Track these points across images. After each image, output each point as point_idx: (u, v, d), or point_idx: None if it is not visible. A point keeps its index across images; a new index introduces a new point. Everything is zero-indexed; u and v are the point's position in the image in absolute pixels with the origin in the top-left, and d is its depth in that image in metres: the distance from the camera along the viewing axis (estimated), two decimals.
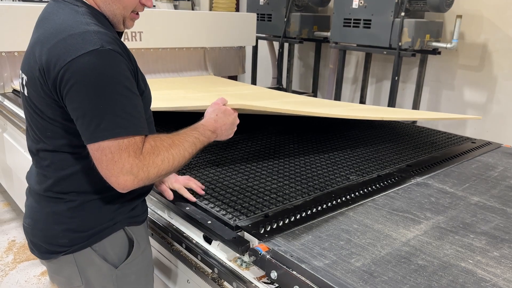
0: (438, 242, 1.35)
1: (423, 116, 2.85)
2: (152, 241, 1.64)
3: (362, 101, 4.86)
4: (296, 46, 5.32)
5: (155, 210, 1.64)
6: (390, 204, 1.60)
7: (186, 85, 3.59)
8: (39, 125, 1.22)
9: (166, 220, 1.59)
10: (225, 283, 1.33)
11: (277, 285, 1.23)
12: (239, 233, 1.37)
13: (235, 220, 1.42)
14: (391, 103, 4.18)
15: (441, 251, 1.29)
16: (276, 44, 5.50)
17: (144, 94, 1.28)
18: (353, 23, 4.25)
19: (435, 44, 4.03)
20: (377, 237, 1.35)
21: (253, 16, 4.46)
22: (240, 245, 1.30)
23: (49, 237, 1.29)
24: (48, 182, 1.26)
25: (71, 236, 1.27)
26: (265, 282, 1.25)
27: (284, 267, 1.18)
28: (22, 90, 1.27)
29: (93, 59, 1.07)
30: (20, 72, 1.27)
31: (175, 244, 1.53)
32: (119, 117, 1.10)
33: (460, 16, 3.77)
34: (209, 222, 1.43)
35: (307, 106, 2.65)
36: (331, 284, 1.07)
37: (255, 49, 5.35)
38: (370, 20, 4.11)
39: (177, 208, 1.54)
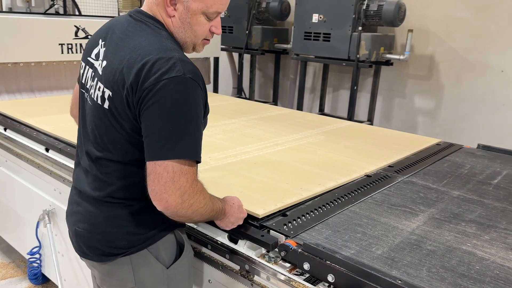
0: (438, 230, 1.54)
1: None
2: None
3: (321, 109, 5.12)
4: (257, 57, 5.50)
5: None
6: (388, 200, 1.79)
7: None
8: (112, 136, 1.28)
9: (186, 224, 1.66)
10: (256, 278, 1.44)
11: (307, 275, 1.36)
12: (265, 232, 1.49)
13: (259, 220, 1.54)
14: (351, 111, 4.46)
15: (443, 237, 1.49)
16: (235, 55, 5.66)
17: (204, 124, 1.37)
18: (313, 36, 4.51)
19: (388, 56, 4.38)
20: (386, 229, 1.53)
21: None
22: (269, 242, 1.42)
23: (108, 240, 1.35)
24: (110, 189, 1.32)
25: (130, 238, 1.34)
26: (295, 274, 1.38)
27: (317, 258, 1.31)
28: (98, 102, 1.31)
29: (175, 84, 1.17)
30: (101, 85, 1.30)
31: (198, 246, 1.61)
32: (188, 142, 1.20)
33: (411, 30, 4.13)
34: None
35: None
36: (365, 269, 1.22)
37: (216, 60, 5.46)
38: (329, 34, 4.38)
39: None
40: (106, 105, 1.28)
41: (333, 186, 1.89)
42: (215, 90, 5.60)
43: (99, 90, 1.31)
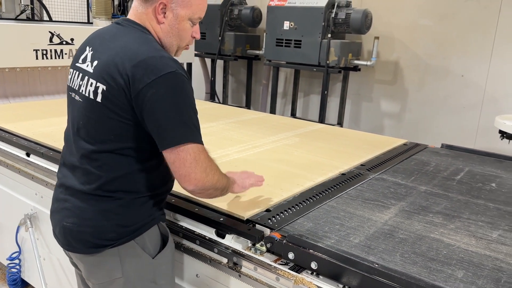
0: (408, 221, 1.69)
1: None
2: None
3: (293, 113, 5.28)
4: (230, 63, 5.60)
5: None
6: (361, 195, 1.92)
7: None
8: (107, 126, 1.36)
9: (174, 222, 1.74)
10: (243, 269, 1.53)
11: (292, 264, 1.47)
12: (250, 226, 1.59)
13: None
14: (322, 114, 4.63)
15: (413, 227, 1.63)
16: (208, 61, 5.75)
17: None
18: (285, 43, 4.66)
19: (356, 62, 4.58)
20: (362, 220, 1.66)
21: None
22: (256, 235, 1.52)
23: (98, 233, 1.41)
24: (99, 182, 1.39)
25: (119, 230, 1.42)
26: (281, 264, 1.48)
27: (301, 248, 1.42)
28: (91, 96, 1.38)
29: (173, 79, 1.30)
30: (93, 81, 1.38)
31: (186, 242, 1.69)
32: (196, 126, 1.35)
33: (377, 38, 4.34)
34: (222, 219, 1.63)
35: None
36: (345, 256, 1.34)
37: (189, 65, 5.53)
38: (300, 41, 4.54)
39: (186, 210, 1.71)
40: (99, 98, 1.36)
41: (311, 185, 2.01)
42: None
43: (91, 86, 1.38)
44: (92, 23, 4.75)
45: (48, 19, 5.13)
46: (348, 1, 4.44)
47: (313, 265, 1.39)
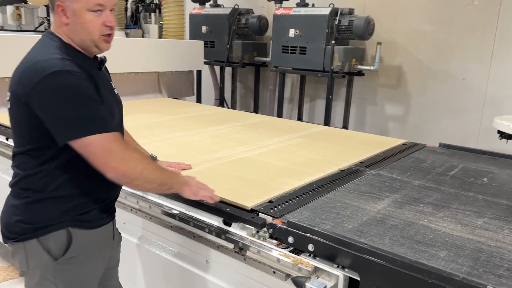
0: (400, 210, 1.83)
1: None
2: (171, 234, 1.95)
3: (300, 117, 5.43)
4: (238, 70, 5.79)
5: (175, 207, 1.95)
6: (358, 188, 2.07)
7: (152, 109, 3.88)
8: (18, 130, 1.52)
9: (185, 213, 1.90)
10: (248, 253, 1.69)
11: (291, 248, 1.62)
12: (254, 215, 1.75)
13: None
14: (327, 118, 4.78)
15: (404, 215, 1.77)
16: (217, 69, 5.94)
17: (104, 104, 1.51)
18: (290, 49, 4.82)
19: (360, 67, 4.72)
20: (356, 210, 1.81)
21: (201, 43, 4.88)
22: (259, 222, 1.68)
23: (8, 225, 1.54)
24: (15, 179, 1.54)
25: (22, 226, 1.51)
26: (282, 248, 1.63)
27: (299, 232, 1.58)
28: (8, 106, 1.52)
29: (57, 77, 1.37)
30: (8, 92, 1.52)
31: (197, 230, 1.85)
32: (93, 119, 1.41)
33: (380, 43, 4.49)
34: (228, 209, 1.80)
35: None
36: (339, 238, 1.50)
37: (199, 73, 5.73)
38: (305, 47, 4.70)
39: (195, 202, 1.87)
40: (9, 105, 1.51)
41: (311, 180, 2.16)
42: (198, 101, 5.85)
43: (7, 96, 1.53)
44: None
45: None
46: (351, 8, 4.60)
47: (310, 247, 1.55)
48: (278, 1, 4.95)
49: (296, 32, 4.75)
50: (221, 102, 5.89)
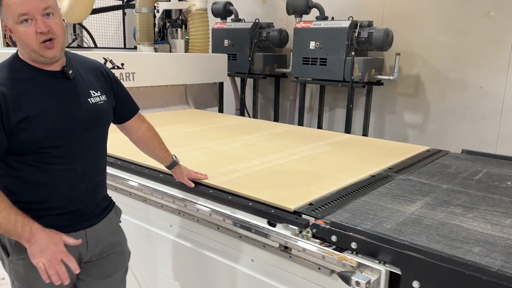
0: (432, 211, 1.97)
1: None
2: (219, 235, 2.11)
3: (319, 126, 5.58)
4: (259, 81, 5.97)
5: (220, 209, 2.11)
6: (390, 192, 2.22)
7: (182, 120, 4.07)
8: None
9: (231, 215, 2.06)
10: (293, 251, 1.84)
11: (334, 246, 1.77)
12: (298, 216, 1.90)
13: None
14: (348, 126, 4.93)
15: (437, 216, 1.91)
16: (237, 80, 6.13)
17: (28, 119, 1.54)
18: (311, 61, 5.00)
19: (379, 77, 4.87)
20: (392, 212, 1.95)
21: (225, 56, 5.08)
22: (303, 223, 1.83)
23: None
24: None
25: None
26: (325, 246, 1.78)
27: (343, 231, 1.73)
28: None
29: None
30: None
31: (243, 231, 2.01)
32: None
33: (399, 54, 4.64)
34: (273, 211, 1.95)
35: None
36: (381, 236, 1.64)
37: (220, 84, 5.92)
38: (325, 59, 4.87)
39: (241, 205, 2.03)
40: None
41: (345, 185, 2.31)
42: (220, 111, 6.04)
43: None
44: (136, 48, 5.22)
45: (93, 46, 5.62)
46: (370, 21, 4.76)
47: (353, 245, 1.69)
48: (298, 15, 5.13)
49: (317, 44, 4.92)
50: (241, 112, 6.07)
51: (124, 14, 7.31)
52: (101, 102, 1.77)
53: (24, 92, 1.57)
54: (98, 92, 1.77)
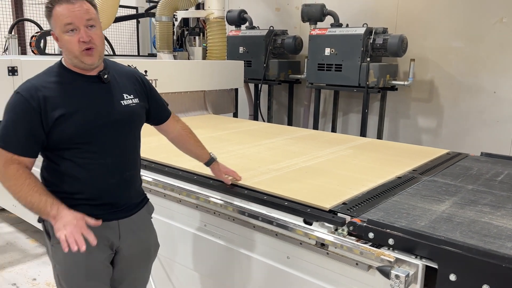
0: (462, 210, 2.05)
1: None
2: (256, 234, 2.20)
3: (333, 131, 5.66)
4: (274, 87, 6.08)
5: (257, 209, 2.20)
6: (419, 192, 2.30)
7: (204, 125, 4.18)
8: None
9: (267, 214, 2.15)
10: (330, 248, 1.92)
11: (370, 243, 1.85)
12: (334, 214, 1.99)
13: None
14: (363, 131, 5.01)
15: (466, 214, 1.99)
16: (251, 86, 6.24)
17: (64, 117, 1.75)
18: (326, 67, 5.10)
19: (394, 82, 4.97)
20: (423, 210, 2.03)
21: (241, 63, 5.20)
22: (339, 221, 1.92)
23: None
24: None
25: None
26: (361, 243, 1.86)
27: (379, 228, 1.81)
28: None
29: (10, 98, 1.77)
30: None
31: (279, 229, 2.09)
32: (3, 135, 1.74)
33: (413, 60, 4.74)
34: (308, 209, 2.04)
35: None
36: (417, 232, 1.72)
37: (236, 90, 6.02)
38: (341, 65, 4.97)
39: (278, 204, 2.13)
40: None
41: (374, 186, 2.39)
42: (235, 116, 6.14)
43: None
44: (149, 55, 5.34)
45: (112, 54, 5.75)
46: (385, 28, 4.86)
47: (390, 241, 1.78)
48: (313, 23, 5.24)
49: (332, 51, 5.02)
50: (255, 117, 6.16)
51: (138, 22, 7.46)
52: (133, 104, 1.94)
53: (63, 93, 1.78)
54: (131, 95, 1.94)
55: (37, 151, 1.79)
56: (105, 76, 1.86)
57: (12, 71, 3.11)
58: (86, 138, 1.79)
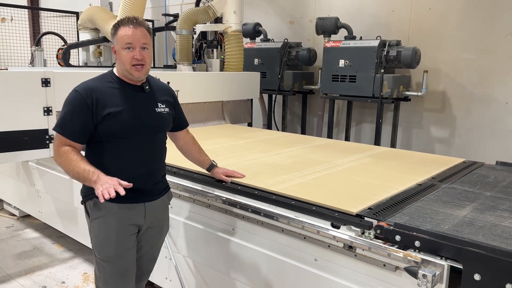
0: (482, 215, 2.15)
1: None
2: (284, 238, 2.31)
3: (347, 140, 5.77)
4: (288, 97, 6.20)
5: (285, 213, 2.31)
6: (440, 199, 2.40)
7: (223, 134, 4.31)
8: None
9: (295, 218, 2.26)
10: (358, 250, 2.03)
11: (396, 246, 1.95)
12: (361, 218, 2.10)
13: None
14: (377, 140, 5.12)
15: (487, 219, 2.09)
16: (265, 96, 6.38)
17: (111, 115, 2.13)
18: (340, 78, 5.22)
19: (407, 93, 5.08)
20: (446, 215, 2.13)
21: (257, 74, 5.34)
22: (366, 225, 2.02)
23: (80, 192, 2.32)
24: None
25: (83, 191, 2.28)
26: (388, 245, 1.97)
27: (406, 231, 1.91)
28: None
29: (70, 93, 2.17)
30: None
31: (307, 233, 2.20)
32: (60, 123, 2.14)
33: (426, 71, 4.86)
34: (336, 214, 2.15)
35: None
36: (443, 234, 1.83)
37: (251, 100, 6.16)
38: (355, 76, 5.10)
39: (305, 209, 2.24)
40: None
41: (396, 192, 2.50)
42: (250, 126, 6.26)
43: None
44: (165, 66, 5.50)
45: None
46: (398, 40, 4.99)
47: (417, 243, 1.88)
48: (327, 35, 5.38)
49: (346, 63, 5.15)
50: (268, 127, 6.29)
51: (154, 35, 7.66)
52: (164, 112, 2.35)
53: (112, 96, 2.19)
54: (164, 105, 2.36)
55: (85, 139, 2.17)
56: (146, 87, 2.29)
57: (45, 82, 3.26)
58: (124, 135, 2.18)
